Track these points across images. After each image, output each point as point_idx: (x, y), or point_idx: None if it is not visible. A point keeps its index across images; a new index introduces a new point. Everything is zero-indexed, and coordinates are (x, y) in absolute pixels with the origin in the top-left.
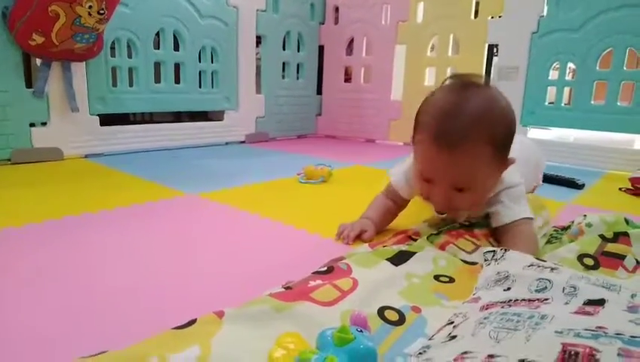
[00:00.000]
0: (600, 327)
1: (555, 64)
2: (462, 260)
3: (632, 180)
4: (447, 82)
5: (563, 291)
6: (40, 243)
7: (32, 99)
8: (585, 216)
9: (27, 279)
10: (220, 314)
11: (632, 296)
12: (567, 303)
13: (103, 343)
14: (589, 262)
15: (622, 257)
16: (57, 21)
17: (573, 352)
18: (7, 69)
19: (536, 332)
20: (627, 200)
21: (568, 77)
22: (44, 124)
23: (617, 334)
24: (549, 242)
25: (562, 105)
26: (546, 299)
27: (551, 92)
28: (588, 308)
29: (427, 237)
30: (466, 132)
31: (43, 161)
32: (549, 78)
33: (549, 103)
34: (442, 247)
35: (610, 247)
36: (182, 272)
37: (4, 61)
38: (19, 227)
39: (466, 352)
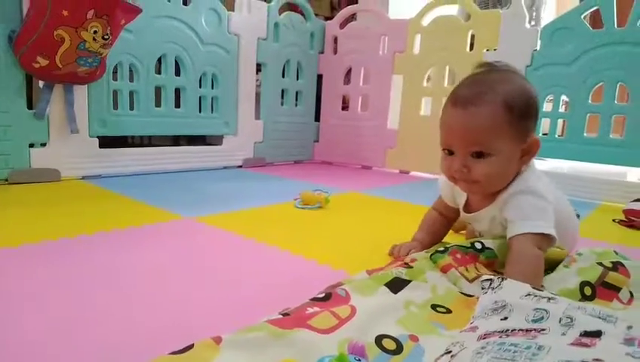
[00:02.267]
0: (597, 360)
1: (549, 96)
2: (461, 292)
3: (626, 212)
4: (478, 68)
5: (560, 322)
6: (36, 264)
7: (32, 120)
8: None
9: (21, 300)
10: (218, 340)
11: (629, 327)
12: (563, 334)
13: None
14: (588, 291)
15: (617, 289)
16: (62, 45)
17: None
18: (10, 90)
19: None
20: (621, 232)
21: (562, 109)
22: (43, 144)
23: None
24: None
25: (556, 136)
26: (543, 330)
27: (545, 124)
28: (584, 340)
29: (431, 255)
30: (480, 94)
31: (40, 181)
32: (544, 109)
33: (543, 134)
34: (444, 270)
35: (610, 277)
36: (177, 297)
37: (8, 83)
38: (15, 248)
39: None
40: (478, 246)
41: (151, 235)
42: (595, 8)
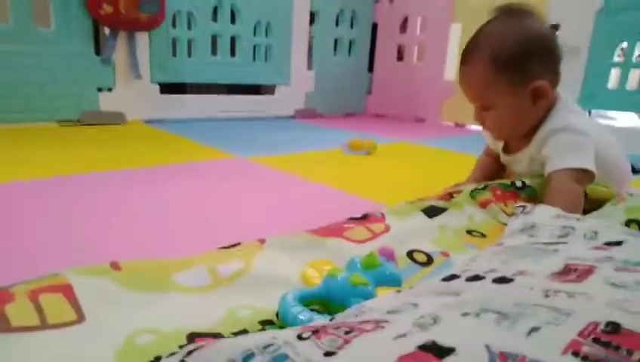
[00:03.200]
0: (608, 257)
1: (621, 45)
2: (499, 221)
3: None
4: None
5: (584, 236)
6: (102, 189)
7: (100, 66)
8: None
9: (92, 209)
10: (262, 241)
11: None
12: (586, 244)
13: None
14: (634, 228)
15: None
16: None
17: (573, 268)
18: (79, 36)
19: (545, 258)
20: None
21: (636, 59)
22: (110, 89)
23: (623, 260)
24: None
25: (627, 88)
26: (566, 243)
27: (615, 75)
28: (604, 246)
29: (471, 192)
30: (470, 51)
31: (108, 123)
32: (614, 59)
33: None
34: (483, 205)
35: None
36: (226, 218)
37: (77, 29)
38: (85, 174)
39: (471, 268)
40: (519, 184)
41: (206, 170)
42: None
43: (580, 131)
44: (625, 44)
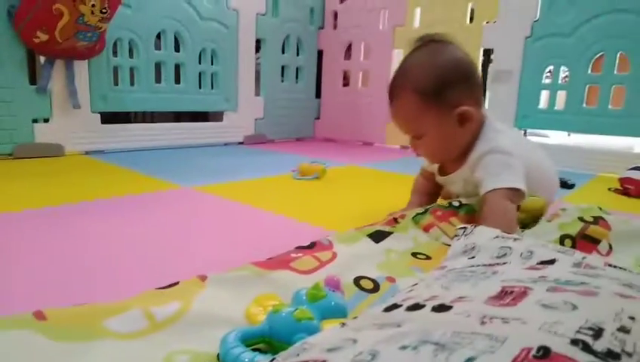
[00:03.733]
0: (542, 277)
1: (549, 67)
2: (443, 243)
3: (622, 180)
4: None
5: (521, 255)
6: (37, 226)
7: (35, 96)
8: (563, 208)
9: (24, 254)
10: (203, 278)
11: (584, 257)
12: (522, 264)
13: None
14: (568, 243)
15: (597, 242)
16: (61, 19)
17: (509, 291)
18: (12, 65)
19: (484, 281)
20: (615, 200)
21: (562, 81)
22: (46, 120)
23: (555, 279)
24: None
25: (555, 108)
26: (505, 263)
27: (544, 96)
28: (538, 266)
29: (413, 217)
30: (395, 86)
31: (44, 156)
32: (543, 81)
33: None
34: (426, 229)
35: (591, 230)
36: (169, 252)
37: (9, 58)
38: (19, 212)
39: (411, 296)
40: (456, 203)
41: (149, 202)
42: None
43: (507, 152)
44: (552, 67)
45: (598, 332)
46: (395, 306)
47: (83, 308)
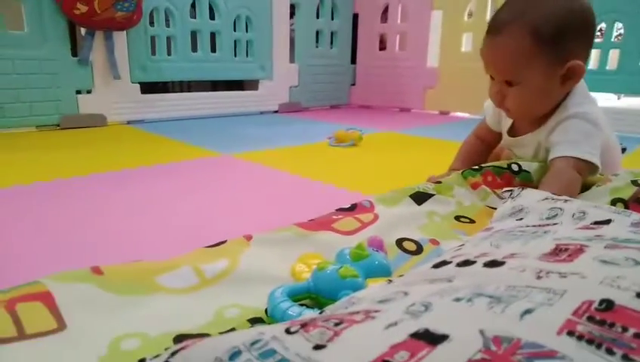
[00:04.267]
0: (598, 236)
1: (601, 25)
2: (487, 206)
3: None
4: None
5: (573, 216)
6: (85, 192)
7: (77, 67)
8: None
9: (79, 215)
10: (249, 238)
11: None
12: (575, 225)
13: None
14: (620, 207)
15: None
16: None
17: (564, 248)
18: (55, 38)
19: (535, 239)
20: None
21: (615, 39)
22: (89, 91)
23: (613, 238)
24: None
25: (607, 68)
26: (555, 224)
27: (595, 55)
28: (592, 226)
29: (463, 172)
30: (508, 21)
31: (89, 126)
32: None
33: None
34: (474, 186)
35: None
36: (215, 214)
37: (52, 31)
38: (67, 178)
39: (461, 254)
40: (515, 168)
41: (190, 168)
42: None
43: (594, 121)
44: (604, 25)
45: None
46: (444, 263)
47: (136, 264)
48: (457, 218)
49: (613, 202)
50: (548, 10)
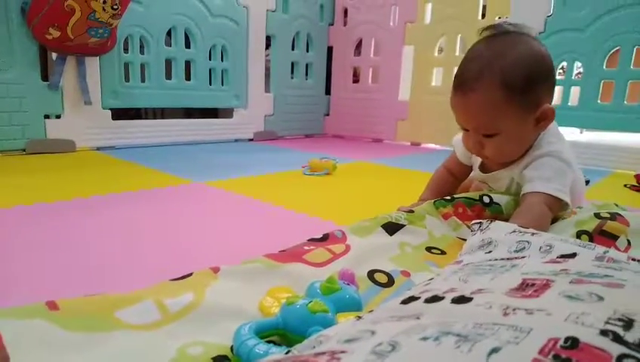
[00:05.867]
0: (563, 270)
1: (562, 63)
2: (458, 237)
3: (638, 177)
4: (485, 32)
5: (539, 249)
6: (48, 220)
7: (47, 92)
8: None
9: (36, 247)
10: (216, 270)
11: (605, 251)
12: (542, 258)
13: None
14: (585, 239)
15: (615, 238)
16: (73, 15)
17: (530, 283)
18: (25, 62)
19: (503, 274)
20: (630, 196)
21: (576, 77)
22: (58, 116)
23: (578, 272)
24: None
25: (569, 104)
26: (523, 257)
27: (558, 92)
28: (559, 259)
29: (435, 202)
30: (477, 77)
31: (56, 152)
32: (556, 77)
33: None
34: (445, 216)
35: (609, 226)
36: (182, 245)
37: (22, 55)
38: (30, 205)
39: (429, 289)
40: (487, 200)
41: (161, 196)
42: None
43: (566, 160)
44: (565, 64)
45: (628, 323)
46: (412, 298)
47: (95, 298)
48: (429, 249)
49: (578, 234)
50: (513, 59)
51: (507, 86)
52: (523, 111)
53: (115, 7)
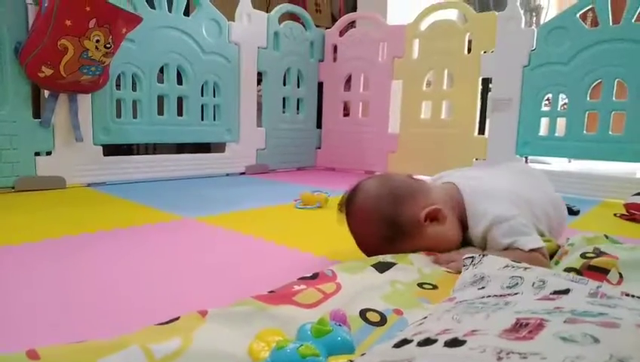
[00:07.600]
0: (557, 307)
1: (547, 95)
2: (447, 271)
3: (627, 206)
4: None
5: (533, 285)
6: (36, 260)
7: (38, 129)
8: (568, 238)
9: (22, 288)
10: (204, 313)
11: (598, 286)
12: (535, 294)
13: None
14: (573, 273)
15: (606, 272)
16: (66, 54)
17: (524, 323)
18: (17, 100)
19: (496, 313)
20: (621, 225)
21: (561, 108)
22: (48, 153)
23: (571, 310)
24: None
25: (555, 135)
26: (516, 293)
27: (544, 123)
28: (552, 296)
29: None
30: (360, 240)
31: (46, 189)
32: (542, 109)
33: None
34: (428, 253)
35: (596, 261)
36: (170, 285)
37: (14, 93)
38: (18, 245)
39: (422, 331)
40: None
41: (151, 233)
42: (589, 7)
43: (509, 217)
44: (550, 95)
45: None
46: (405, 341)
47: (78, 346)
48: (420, 285)
49: (567, 271)
50: (374, 226)
51: (384, 239)
52: (412, 236)
53: (108, 45)
